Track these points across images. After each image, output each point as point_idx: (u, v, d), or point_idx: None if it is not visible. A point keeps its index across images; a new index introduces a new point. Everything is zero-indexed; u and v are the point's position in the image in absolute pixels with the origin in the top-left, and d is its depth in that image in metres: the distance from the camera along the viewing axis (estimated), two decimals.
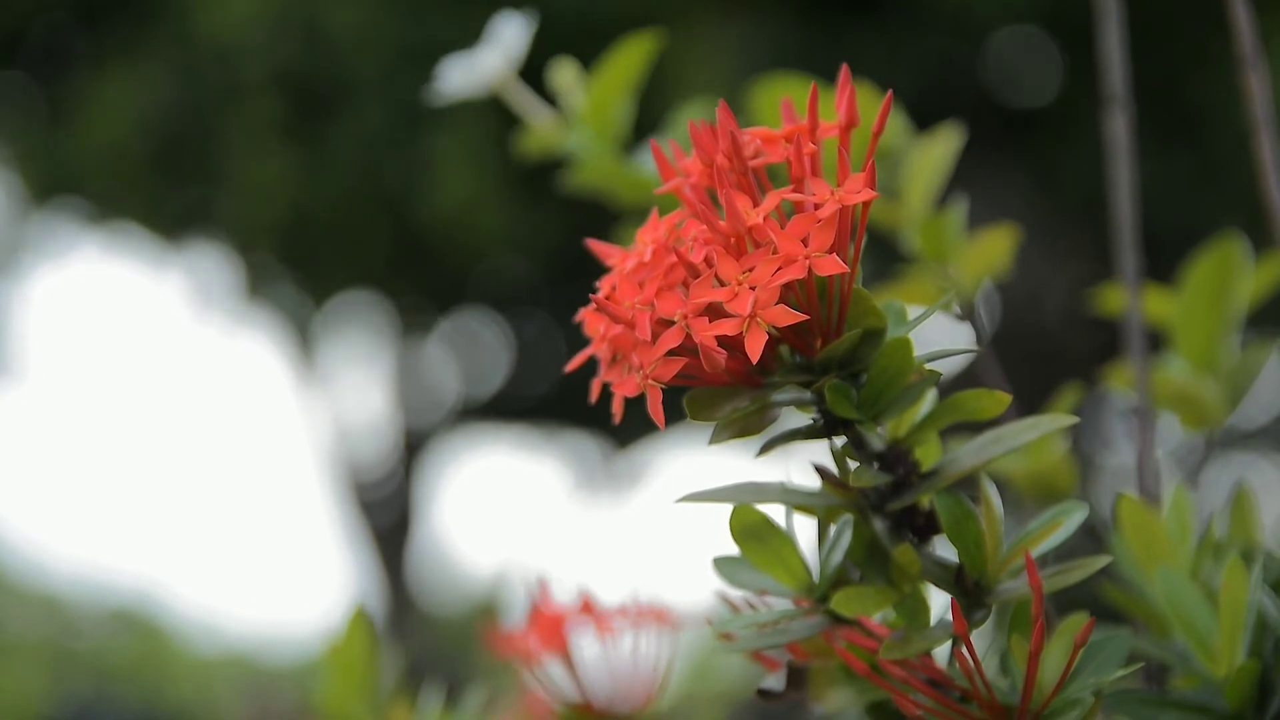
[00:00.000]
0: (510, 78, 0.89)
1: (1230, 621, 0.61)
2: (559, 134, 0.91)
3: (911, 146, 0.88)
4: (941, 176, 0.87)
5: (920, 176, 0.87)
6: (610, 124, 0.90)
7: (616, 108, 0.90)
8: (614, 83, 0.90)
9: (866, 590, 0.59)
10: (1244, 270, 0.85)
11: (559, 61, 0.91)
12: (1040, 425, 0.59)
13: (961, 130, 0.87)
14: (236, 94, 4.01)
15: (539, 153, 0.93)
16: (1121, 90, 0.86)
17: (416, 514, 5.96)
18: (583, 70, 0.91)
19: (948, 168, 0.87)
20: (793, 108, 0.58)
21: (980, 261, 0.88)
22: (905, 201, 0.88)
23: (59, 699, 6.24)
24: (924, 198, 0.88)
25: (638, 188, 0.90)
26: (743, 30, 3.65)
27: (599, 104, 0.90)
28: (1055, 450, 0.88)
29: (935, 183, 0.88)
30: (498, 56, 0.89)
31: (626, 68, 0.90)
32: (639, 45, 0.89)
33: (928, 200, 0.88)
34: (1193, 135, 3.73)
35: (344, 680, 0.86)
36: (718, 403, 0.55)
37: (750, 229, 0.53)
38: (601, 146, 0.90)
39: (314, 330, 5.44)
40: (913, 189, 0.88)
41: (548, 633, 0.84)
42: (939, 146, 0.87)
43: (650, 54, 0.90)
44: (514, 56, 0.89)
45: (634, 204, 0.91)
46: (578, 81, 0.91)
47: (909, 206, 0.88)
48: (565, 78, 0.91)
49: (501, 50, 0.89)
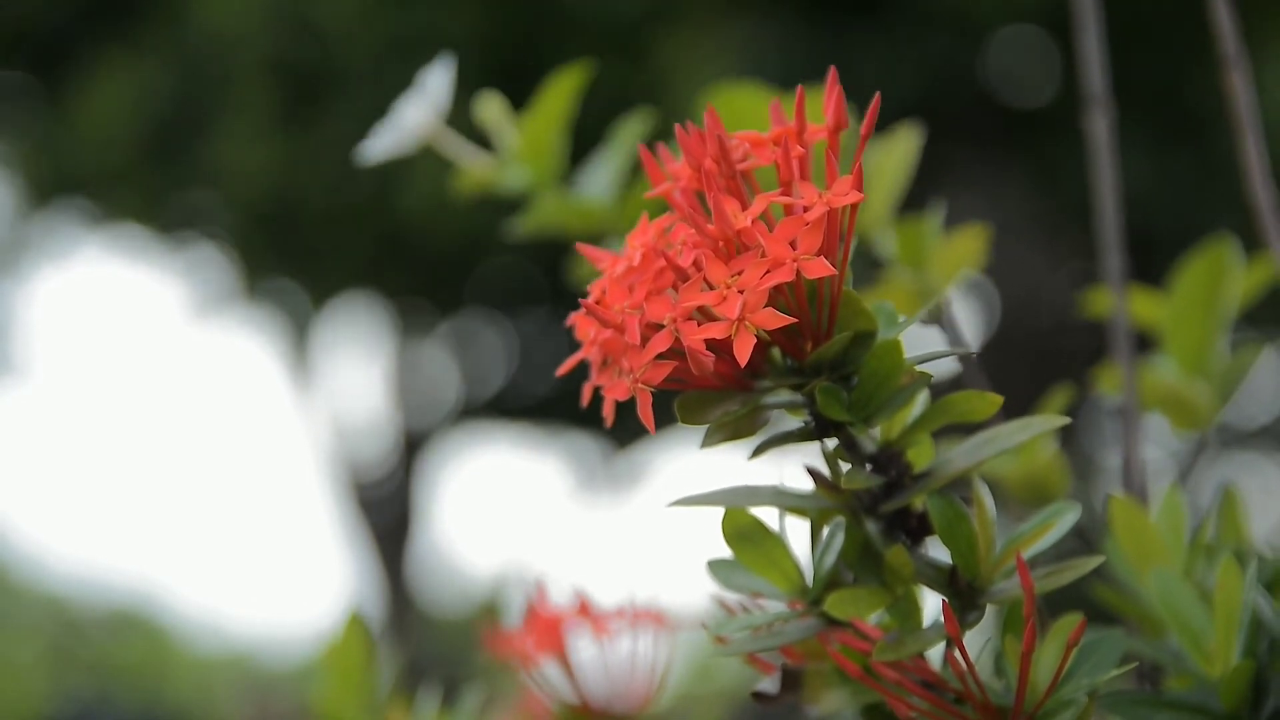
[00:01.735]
0: (439, 127, 0.89)
1: (1225, 621, 0.61)
2: (496, 173, 0.91)
3: (872, 146, 0.87)
4: (903, 177, 0.87)
5: (881, 177, 0.86)
6: (548, 161, 0.90)
7: (553, 145, 0.90)
8: (548, 120, 0.89)
9: (860, 592, 0.59)
10: (1235, 272, 0.85)
11: (484, 97, 0.91)
12: (1032, 426, 0.59)
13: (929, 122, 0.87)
14: (230, 83, 4.02)
15: (475, 192, 0.92)
16: (1102, 91, 0.86)
17: (416, 514, 5.96)
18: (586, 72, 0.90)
19: (909, 168, 0.86)
20: (781, 110, 0.58)
21: (953, 263, 0.87)
22: (866, 203, 0.87)
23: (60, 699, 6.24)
24: (886, 199, 0.87)
25: (585, 218, 0.89)
26: (745, 30, 3.65)
27: (535, 142, 0.89)
28: (1046, 451, 0.88)
29: (897, 184, 0.87)
30: (423, 109, 0.89)
31: (558, 103, 0.89)
32: (568, 80, 0.89)
33: (890, 201, 0.87)
34: (1192, 136, 3.73)
35: (340, 683, 0.86)
36: (708, 406, 0.56)
37: (739, 232, 0.53)
38: (542, 185, 0.90)
39: (313, 330, 5.45)
40: (874, 190, 0.87)
41: (545, 634, 0.84)
42: (899, 146, 0.87)
43: (577, 89, 0.89)
44: (440, 105, 0.89)
45: (583, 234, 0.90)
46: (506, 118, 0.91)
47: (871, 207, 0.87)
48: (492, 114, 0.91)
49: (426, 102, 0.89)
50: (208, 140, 4.13)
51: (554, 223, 0.90)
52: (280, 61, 3.95)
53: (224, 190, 4.34)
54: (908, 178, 0.87)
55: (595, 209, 0.89)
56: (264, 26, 3.92)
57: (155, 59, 4.12)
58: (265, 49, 3.95)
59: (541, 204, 0.90)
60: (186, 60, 4.09)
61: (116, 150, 4.22)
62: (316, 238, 4.38)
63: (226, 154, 4.09)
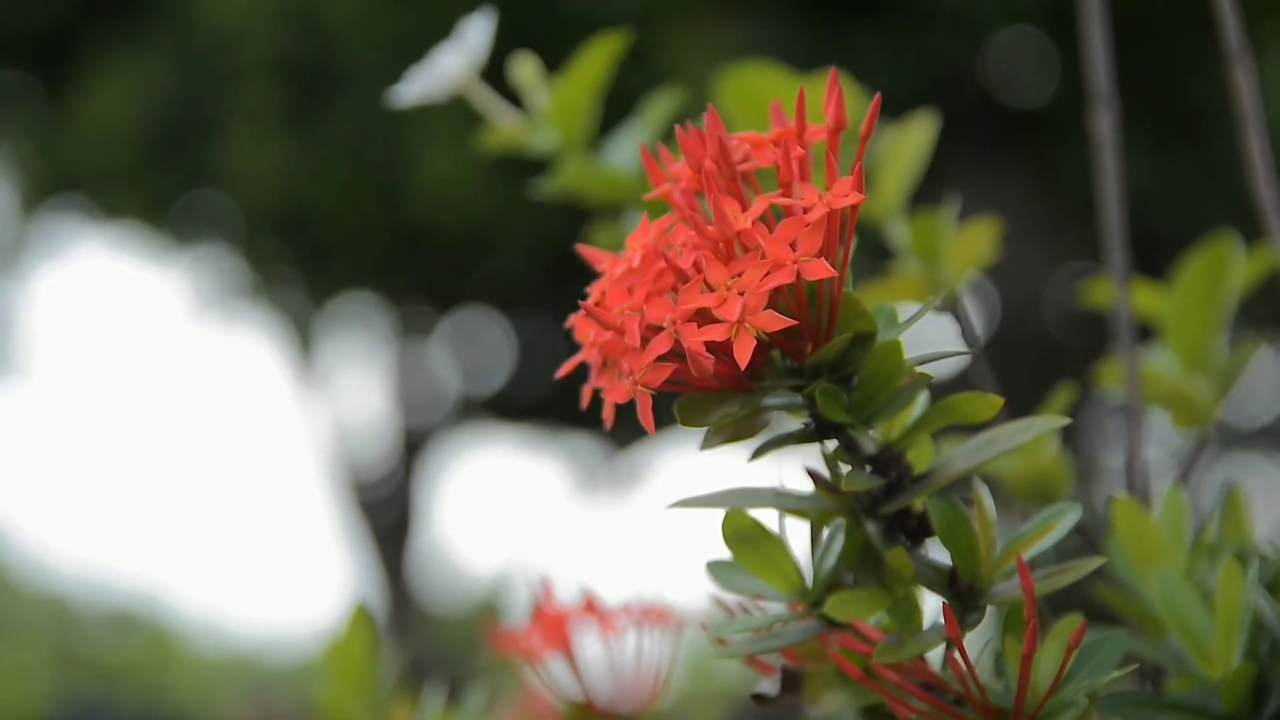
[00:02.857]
0: (473, 79, 0.89)
1: (1226, 623, 0.61)
2: (524, 133, 0.90)
3: (884, 133, 0.86)
4: (918, 165, 0.86)
5: (894, 165, 0.86)
6: (578, 125, 0.89)
7: (584, 109, 0.89)
8: (581, 84, 0.89)
9: (860, 594, 0.58)
10: (1236, 268, 0.85)
11: (520, 57, 0.91)
12: (1034, 426, 0.59)
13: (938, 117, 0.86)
14: (235, 81, 4.01)
15: (503, 150, 0.92)
16: (1107, 88, 0.86)
17: (417, 514, 5.96)
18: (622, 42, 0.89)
19: (924, 156, 0.86)
20: (781, 110, 0.58)
21: (964, 255, 0.87)
22: (879, 191, 0.86)
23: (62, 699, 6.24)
24: (899, 187, 0.87)
25: (609, 186, 0.89)
26: (744, 30, 3.65)
27: (566, 105, 0.89)
28: (1048, 451, 0.87)
29: (911, 171, 0.86)
30: (460, 58, 0.88)
31: (594, 69, 0.89)
32: (605, 46, 0.88)
33: (903, 190, 0.87)
34: (1196, 134, 3.73)
35: (343, 680, 0.86)
36: (708, 408, 0.55)
37: (739, 233, 0.53)
38: (570, 148, 0.89)
39: (315, 330, 5.44)
40: (887, 178, 0.86)
41: (550, 632, 0.84)
42: (914, 134, 0.86)
43: (617, 55, 0.89)
44: (476, 58, 0.88)
45: (605, 202, 0.90)
46: (539, 80, 0.91)
47: (883, 196, 0.86)
48: (526, 75, 0.90)
49: (464, 52, 0.88)
50: (213, 139, 4.13)
51: (578, 187, 0.89)
52: (286, 59, 3.95)
53: (229, 190, 4.34)
54: (922, 166, 0.86)
55: (619, 178, 0.88)
56: (269, 24, 3.92)
57: (159, 58, 4.12)
58: (270, 47, 3.94)
59: (568, 167, 0.89)
60: (191, 59, 4.09)
61: (120, 150, 4.22)
62: (324, 236, 4.38)
63: (232, 153, 4.09)
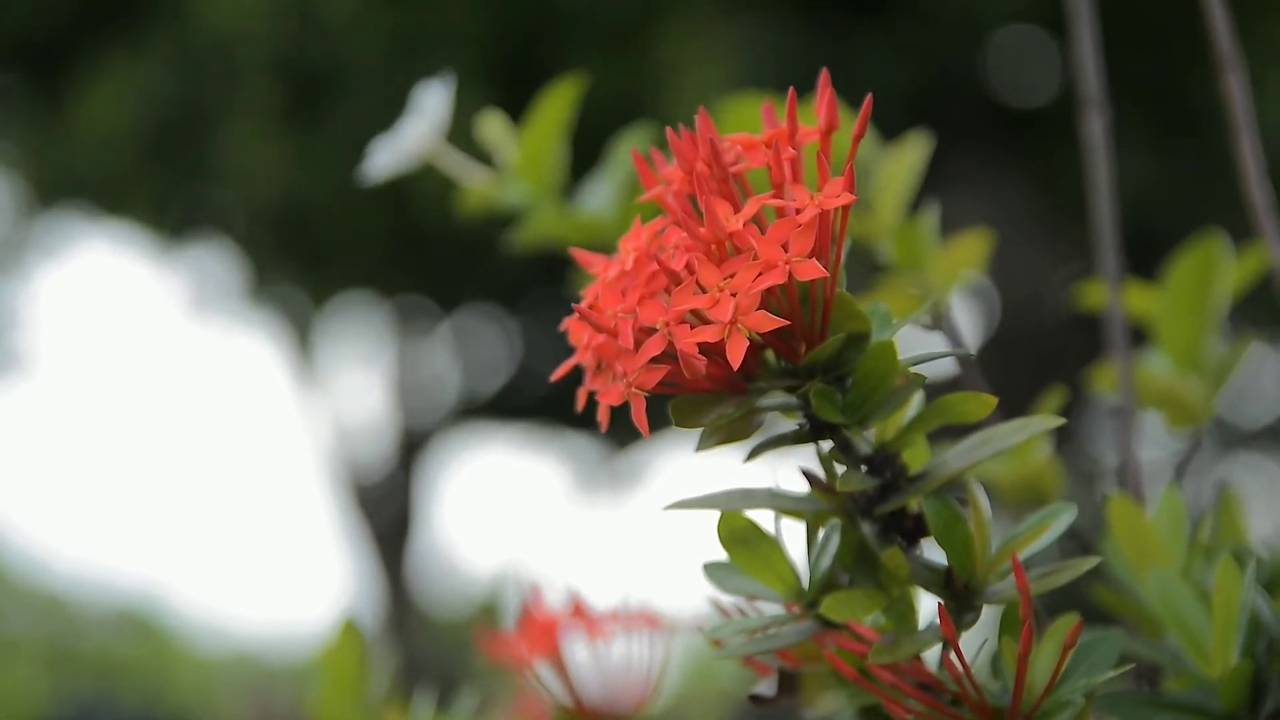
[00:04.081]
0: (440, 144, 0.89)
1: (1224, 622, 0.61)
2: (496, 189, 0.91)
3: (881, 155, 0.87)
4: (913, 184, 0.87)
5: (891, 185, 0.87)
6: (546, 173, 0.90)
7: (550, 156, 0.90)
8: (545, 132, 0.89)
9: (855, 594, 0.58)
10: (1226, 267, 0.85)
11: (486, 113, 0.91)
12: (1029, 427, 0.59)
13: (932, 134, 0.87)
14: (234, 81, 4.01)
15: (480, 211, 0.92)
16: (1097, 93, 0.86)
17: (416, 514, 5.96)
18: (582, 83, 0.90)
19: (919, 175, 0.87)
20: (773, 112, 0.58)
21: (954, 266, 0.87)
22: (878, 211, 0.87)
23: (61, 699, 6.24)
24: (896, 206, 0.87)
25: (585, 232, 0.89)
26: (745, 30, 3.64)
27: (533, 156, 0.89)
28: (1041, 454, 0.87)
29: (907, 190, 0.87)
30: (423, 127, 0.89)
31: (554, 115, 0.89)
32: (564, 91, 0.89)
33: (900, 209, 0.88)
34: (1193, 133, 3.73)
35: (335, 687, 0.87)
36: (703, 409, 0.55)
37: (731, 235, 0.53)
38: (540, 199, 0.90)
39: (314, 330, 5.44)
40: (885, 198, 0.87)
41: (539, 637, 0.84)
42: (909, 154, 0.87)
43: (574, 98, 0.89)
44: (439, 124, 0.89)
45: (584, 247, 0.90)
46: (507, 134, 0.91)
47: (882, 216, 0.87)
48: (493, 132, 0.91)
49: (426, 120, 0.89)
50: (212, 140, 4.13)
51: (553, 236, 0.90)
52: (284, 59, 3.95)
53: (230, 190, 4.33)
54: (916, 185, 0.87)
55: (595, 223, 0.89)
56: (268, 24, 3.92)
57: (157, 59, 4.12)
58: (269, 47, 3.94)
59: (539, 218, 0.90)
60: (189, 60, 4.09)
61: (119, 151, 4.22)
62: (325, 236, 4.38)
63: (231, 154, 4.09)
